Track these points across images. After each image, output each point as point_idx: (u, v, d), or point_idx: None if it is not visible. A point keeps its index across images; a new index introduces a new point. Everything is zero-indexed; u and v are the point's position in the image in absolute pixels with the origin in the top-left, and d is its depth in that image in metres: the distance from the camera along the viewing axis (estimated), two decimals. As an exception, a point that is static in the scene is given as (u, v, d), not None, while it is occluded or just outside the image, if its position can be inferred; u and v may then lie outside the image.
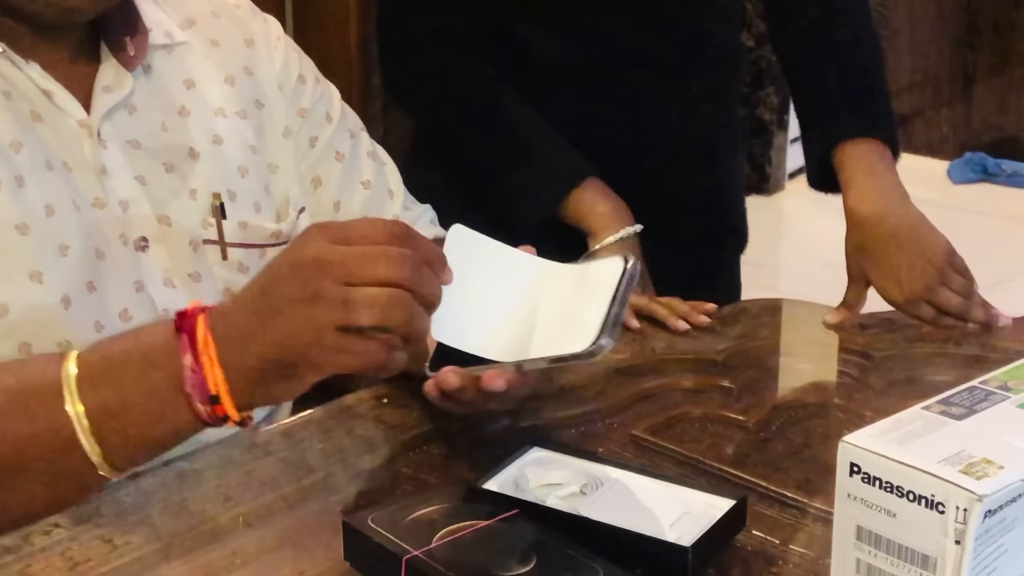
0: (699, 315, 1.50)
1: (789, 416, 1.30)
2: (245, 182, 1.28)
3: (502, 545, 0.98)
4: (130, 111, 1.22)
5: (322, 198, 1.37)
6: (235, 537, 1.06)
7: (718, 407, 1.32)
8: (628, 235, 1.59)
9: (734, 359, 1.43)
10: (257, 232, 1.28)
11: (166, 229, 1.21)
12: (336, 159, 1.38)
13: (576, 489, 1.09)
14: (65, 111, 1.17)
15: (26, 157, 1.14)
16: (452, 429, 1.25)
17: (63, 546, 1.03)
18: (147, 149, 1.22)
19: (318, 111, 1.38)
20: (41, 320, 1.12)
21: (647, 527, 1.03)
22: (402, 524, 1.00)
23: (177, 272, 1.22)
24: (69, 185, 1.16)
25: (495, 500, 1.05)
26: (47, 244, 1.13)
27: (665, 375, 1.39)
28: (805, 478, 1.18)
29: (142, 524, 1.06)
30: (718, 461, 1.21)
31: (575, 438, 1.24)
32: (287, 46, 1.38)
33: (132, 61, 1.22)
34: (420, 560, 0.95)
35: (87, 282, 1.15)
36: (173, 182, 1.23)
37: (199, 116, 1.27)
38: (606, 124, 1.69)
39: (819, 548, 1.08)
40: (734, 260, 1.90)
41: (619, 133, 1.69)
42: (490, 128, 1.65)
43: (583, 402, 1.32)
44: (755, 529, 1.10)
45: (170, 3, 1.30)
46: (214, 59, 1.30)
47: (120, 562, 1.02)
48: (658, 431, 1.27)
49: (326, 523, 1.08)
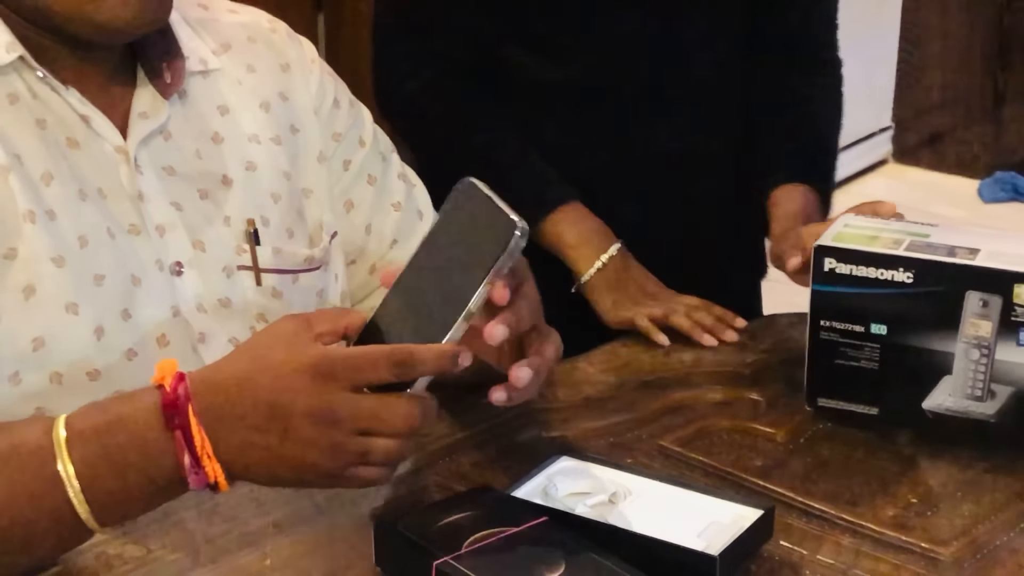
0: (728, 330, 1.51)
1: (817, 429, 1.31)
2: (278, 208, 1.29)
3: (531, 551, 0.99)
4: (165, 137, 1.23)
5: (354, 221, 1.38)
6: (267, 542, 1.08)
7: (746, 419, 1.32)
8: (606, 260, 1.60)
9: (762, 372, 1.43)
10: (290, 258, 1.28)
11: (200, 255, 1.22)
12: (368, 182, 1.39)
13: (605, 498, 1.10)
14: (102, 136, 1.18)
15: (57, 189, 1.14)
16: (481, 439, 1.26)
17: (98, 549, 1.04)
18: (182, 175, 1.23)
19: (352, 135, 1.39)
20: (74, 351, 1.13)
21: (675, 536, 1.04)
22: (432, 530, 1.01)
23: (208, 297, 1.22)
24: (103, 213, 1.17)
25: (524, 508, 1.06)
26: (82, 275, 1.14)
27: (693, 387, 1.40)
28: (833, 490, 1.19)
29: (176, 528, 1.08)
30: (746, 472, 1.22)
31: (603, 449, 1.25)
32: (322, 70, 1.38)
33: (168, 88, 1.22)
34: (450, 565, 0.96)
35: (122, 310, 1.16)
36: (207, 209, 1.24)
37: (233, 143, 1.28)
38: (594, 147, 1.69)
39: (846, 559, 1.09)
40: (753, 286, 1.90)
41: (607, 157, 1.69)
42: (470, 153, 1.67)
43: (611, 413, 1.33)
44: (782, 540, 1.10)
45: (206, 28, 1.30)
46: (249, 85, 1.31)
47: (154, 565, 1.04)
48: (686, 443, 1.27)
49: (357, 529, 1.09)
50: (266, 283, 1.26)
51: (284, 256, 1.28)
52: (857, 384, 1.29)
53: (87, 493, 0.95)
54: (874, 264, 1.26)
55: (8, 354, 1.11)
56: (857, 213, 1.37)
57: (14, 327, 1.11)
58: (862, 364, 1.28)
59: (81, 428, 0.96)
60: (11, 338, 1.11)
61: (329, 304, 1.32)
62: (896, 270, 1.25)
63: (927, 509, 1.17)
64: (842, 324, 1.29)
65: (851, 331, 1.28)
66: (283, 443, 0.95)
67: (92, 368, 1.14)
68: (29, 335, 1.11)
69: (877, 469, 1.24)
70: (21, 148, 1.13)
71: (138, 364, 1.16)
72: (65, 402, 1.11)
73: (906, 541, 1.12)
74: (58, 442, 0.95)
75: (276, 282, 1.27)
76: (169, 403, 0.95)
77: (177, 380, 0.96)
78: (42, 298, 1.12)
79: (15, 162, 1.12)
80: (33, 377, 1.12)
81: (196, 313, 1.21)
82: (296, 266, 1.29)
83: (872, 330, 1.27)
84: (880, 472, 1.23)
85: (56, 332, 1.12)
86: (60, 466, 0.95)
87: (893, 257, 1.25)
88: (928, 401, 1.27)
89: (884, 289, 1.26)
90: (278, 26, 1.38)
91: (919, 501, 1.18)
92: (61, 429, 0.96)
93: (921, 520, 1.15)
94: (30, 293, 1.11)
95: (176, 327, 1.19)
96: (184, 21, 1.27)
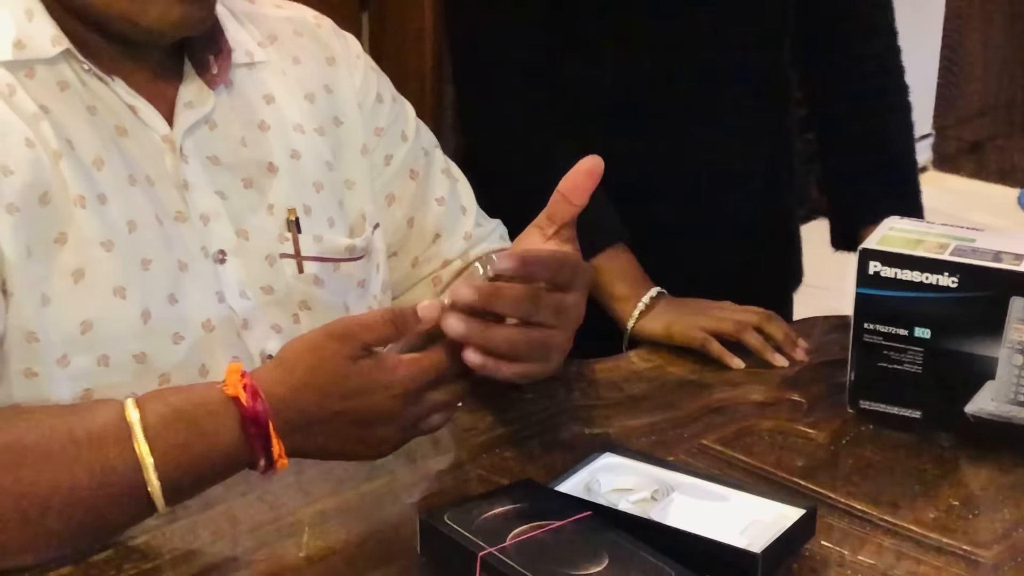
0: (798, 350, 1.48)
1: (859, 431, 1.31)
2: (320, 198, 1.31)
3: (575, 545, 1.00)
4: (211, 127, 1.24)
5: (395, 214, 1.39)
6: (314, 531, 1.09)
7: (788, 420, 1.33)
8: (648, 302, 1.56)
9: (804, 374, 1.44)
10: (331, 246, 1.30)
11: (243, 243, 1.24)
12: (410, 177, 1.40)
13: (647, 494, 1.11)
14: (149, 126, 1.20)
15: (108, 174, 1.16)
16: (525, 433, 1.27)
17: (150, 535, 1.06)
18: (226, 165, 1.25)
19: (394, 130, 1.40)
20: (121, 334, 1.15)
21: (717, 533, 1.04)
22: (477, 522, 1.02)
23: (251, 284, 1.24)
24: (151, 199, 1.19)
25: (568, 502, 1.07)
26: (131, 260, 1.16)
27: (735, 388, 1.40)
28: (874, 491, 1.19)
29: (225, 515, 1.09)
30: (787, 472, 1.22)
31: (645, 446, 1.26)
32: (366, 65, 1.40)
33: (215, 80, 1.24)
34: (495, 557, 0.98)
35: (168, 295, 1.18)
36: (251, 197, 1.26)
37: (278, 131, 1.29)
38: (637, 154, 1.69)
39: (888, 560, 1.09)
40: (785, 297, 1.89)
41: (650, 163, 1.70)
42: (535, 174, 1.65)
43: (653, 412, 1.34)
44: (824, 539, 1.11)
45: (253, 21, 1.32)
46: (294, 76, 1.33)
47: (204, 550, 1.06)
48: (728, 442, 1.28)
49: (402, 521, 1.10)
50: (308, 271, 1.28)
51: (325, 244, 1.29)
52: (900, 387, 1.29)
53: (161, 474, 1.00)
54: (919, 268, 1.26)
55: (56, 337, 1.12)
56: None
57: (63, 310, 1.13)
58: (905, 367, 1.29)
59: (157, 417, 1.01)
60: (60, 321, 1.12)
61: (370, 295, 1.34)
62: (941, 274, 1.25)
63: (968, 512, 1.17)
64: (886, 327, 1.29)
65: (895, 334, 1.29)
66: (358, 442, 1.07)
67: (139, 351, 1.16)
68: (78, 318, 1.13)
69: (919, 471, 1.24)
70: (73, 134, 1.15)
71: (184, 348, 1.19)
72: (112, 384, 1.14)
73: (947, 543, 1.12)
74: (132, 424, 1.00)
75: (318, 270, 1.29)
76: (249, 419, 1.01)
77: (252, 396, 1.01)
78: (91, 282, 1.14)
79: (67, 148, 1.14)
80: (81, 360, 1.14)
81: (239, 300, 1.23)
82: (337, 254, 1.30)
83: (916, 334, 1.28)
84: (922, 474, 1.23)
85: (104, 315, 1.14)
86: (137, 448, 1.00)
87: (938, 261, 1.25)
88: (971, 405, 1.27)
89: (928, 293, 1.26)
90: (324, 21, 1.39)
91: (960, 504, 1.18)
92: (132, 411, 1.01)
93: (962, 523, 1.15)
94: (79, 277, 1.13)
95: (221, 313, 1.21)
96: (231, 14, 1.29)
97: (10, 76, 1.14)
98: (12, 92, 1.13)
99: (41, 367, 1.12)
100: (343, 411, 1.04)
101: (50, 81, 1.16)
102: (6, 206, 1.10)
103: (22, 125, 1.12)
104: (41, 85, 1.15)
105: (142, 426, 1.00)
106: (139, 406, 1.01)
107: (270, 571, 1.04)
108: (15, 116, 1.13)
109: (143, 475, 1.00)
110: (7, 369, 1.12)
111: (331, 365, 1.03)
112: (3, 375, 1.12)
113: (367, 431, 1.05)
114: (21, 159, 1.11)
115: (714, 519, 1.07)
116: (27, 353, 1.11)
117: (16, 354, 1.11)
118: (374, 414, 1.05)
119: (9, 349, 1.11)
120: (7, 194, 1.10)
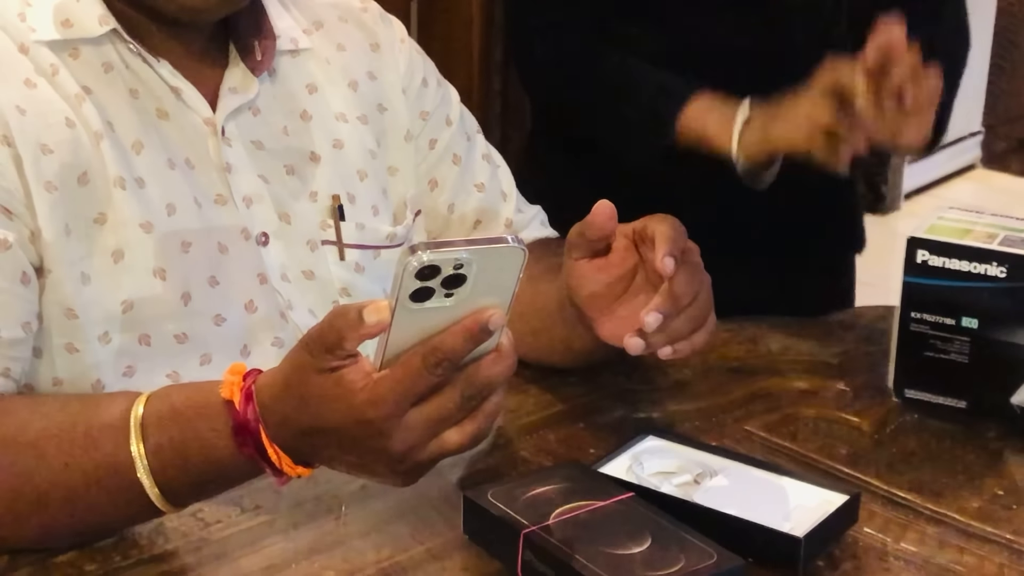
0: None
1: (904, 420, 1.31)
2: (364, 186, 1.31)
3: (617, 525, 1.00)
4: (254, 113, 1.25)
5: (437, 200, 1.40)
6: (358, 507, 1.10)
7: (832, 408, 1.33)
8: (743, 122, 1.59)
9: (849, 362, 1.43)
10: (373, 234, 1.31)
11: (286, 227, 1.25)
12: (453, 162, 1.40)
13: (690, 478, 1.11)
14: (192, 108, 1.21)
15: (147, 158, 1.17)
16: (569, 416, 1.27)
17: (195, 507, 1.07)
18: (270, 151, 1.25)
19: (439, 114, 1.40)
20: (162, 314, 1.16)
21: (760, 517, 1.04)
22: (521, 501, 1.03)
23: (292, 268, 1.25)
24: (191, 182, 1.20)
25: (611, 483, 1.08)
26: (170, 242, 1.17)
27: (780, 375, 1.40)
28: (918, 480, 1.19)
29: (269, 490, 1.10)
30: (831, 460, 1.22)
31: (689, 431, 1.26)
32: (411, 49, 1.40)
33: (259, 66, 1.25)
34: (538, 535, 0.98)
35: (209, 277, 1.19)
36: (293, 184, 1.27)
37: (321, 120, 1.30)
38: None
39: (930, 548, 1.09)
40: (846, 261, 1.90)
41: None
42: (604, 77, 1.71)
43: (698, 397, 1.34)
44: (867, 526, 1.11)
45: (298, 7, 1.33)
46: (338, 64, 1.33)
47: (248, 524, 1.07)
48: (772, 428, 1.28)
49: (446, 499, 1.11)
50: (349, 258, 1.28)
51: (367, 232, 1.30)
52: (946, 377, 1.29)
53: (155, 472, 0.99)
54: (967, 257, 1.26)
55: (98, 315, 1.14)
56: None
57: (104, 290, 1.14)
58: (951, 357, 1.28)
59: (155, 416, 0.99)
60: (101, 300, 1.14)
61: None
62: (989, 264, 1.25)
63: (1013, 502, 1.16)
64: (932, 317, 1.29)
65: (941, 324, 1.28)
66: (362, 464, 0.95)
67: (180, 332, 1.17)
68: (118, 298, 1.14)
69: (963, 461, 1.23)
70: (114, 116, 1.16)
71: (227, 329, 1.19)
72: (155, 362, 1.16)
73: (991, 532, 1.11)
74: (133, 421, 0.99)
75: (359, 257, 1.29)
76: (239, 424, 0.96)
77: (245, 400, 0.95)
78: (130, 263, 1.15)
79: (108, 129, 1.15)
80: (122, 338, 1.15)
81: (281, 282, 1.24)
82: (378, 242, 1.31)
83: (963, 323, 1.27)
84: (966, 464, 1.23)
85: (144, 296, 1.15)
86: (132, 445, 0.99)
87: (987, 251, 1.25)
88: (1017, 396, 1.26)
89: (976, 283, 1.25)
90: (370, 6, 1.40)
91: (1005, 494, 1.18)
92: (139, 407, 1.00)
93: (1007, 512, 1.15)
94: (119, 257, 1.14)
95: (263, 294, 1.22)
96: (276, 0, 1.30)
97: (54, 56, 1.15)
98: (55, 72, 1.14)
99: (82, 344, 1.13)
100: (321, 428, 0.93)
101: (94, 62, 1.17)
102: (44, 184, 1.11)
103: (63, 105, 1.13)
104: (85, 66, 1.16)
105: (140, 424, 0.99)
106: (147, 403, 1.00)
107: (311, 547, 1.05)
108: (57, 96, 1.14)
109: (136, 473, 0.99)
110: (49, 343, 1.13)
111: (297, 377, 0.93)
112: (44, 350, 1.13)
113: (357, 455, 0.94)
114: (61, 139, 1.12)
115: (757, 503, 1.07)
116: (67, 328, 1.13)
117: (56, 329, 1.13)
118: (351, 439, 0.93)
119: (48, 324, 1.12)
120: (46, 172, 1.11)
